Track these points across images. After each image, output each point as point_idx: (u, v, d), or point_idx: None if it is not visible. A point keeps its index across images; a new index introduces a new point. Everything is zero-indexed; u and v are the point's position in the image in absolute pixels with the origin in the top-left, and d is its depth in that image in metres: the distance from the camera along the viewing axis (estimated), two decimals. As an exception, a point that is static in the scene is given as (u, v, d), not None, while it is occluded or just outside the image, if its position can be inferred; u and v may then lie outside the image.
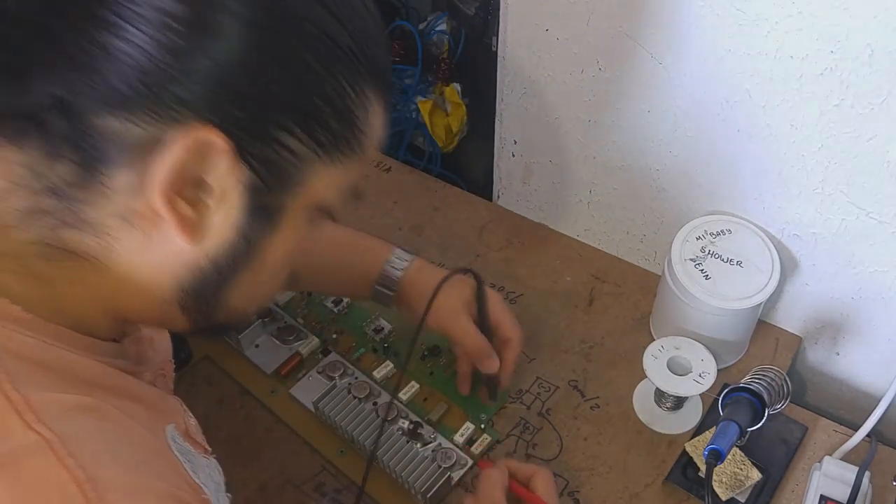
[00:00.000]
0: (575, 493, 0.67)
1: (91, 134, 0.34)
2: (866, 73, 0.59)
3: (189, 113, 0.34)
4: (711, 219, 0.75)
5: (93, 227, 0.36)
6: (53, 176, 0.35)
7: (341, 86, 0.37)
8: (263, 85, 0.35)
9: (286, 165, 0.37)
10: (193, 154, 0.34)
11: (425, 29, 1.21)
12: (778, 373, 0.68)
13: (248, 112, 0.35)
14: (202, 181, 0.36)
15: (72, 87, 0.33)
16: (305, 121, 0.37)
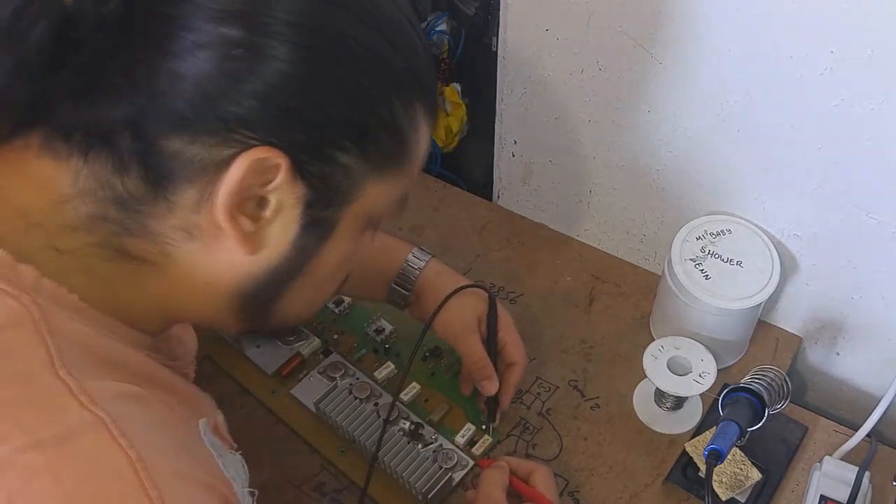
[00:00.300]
0: (575, 493, 0.67)
1: (158, 153, 0.36)
2: (866, 73, 0.59)
3: (250, 134, 0.36)
4: (711, 219, 0.75)
5: (154, 236, 0.39)
6: (120, 188, 0.37)
7: (393, 105, 0.40)
8: (319, 106, 0.37)
9: (340, 181, 0.40)
10: (255, 173, 0.37)
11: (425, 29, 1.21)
12: (778, 373, 0.68)
13: (306, 132, 0.37)
14: (262, 198, 0.38)
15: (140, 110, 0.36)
16: (360, 139, 0.39)
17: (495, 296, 0.69)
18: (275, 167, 0.37)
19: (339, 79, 0.38)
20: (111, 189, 0.37)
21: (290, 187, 0.38)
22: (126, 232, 0.39)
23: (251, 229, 0.39)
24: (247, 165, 0.36)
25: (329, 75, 0.37)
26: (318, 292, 0.46)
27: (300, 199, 0.39)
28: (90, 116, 0.36)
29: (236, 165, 0.36)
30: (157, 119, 0.36)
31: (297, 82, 0.36)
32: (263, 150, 0.36)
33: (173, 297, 0.42)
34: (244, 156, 0.36)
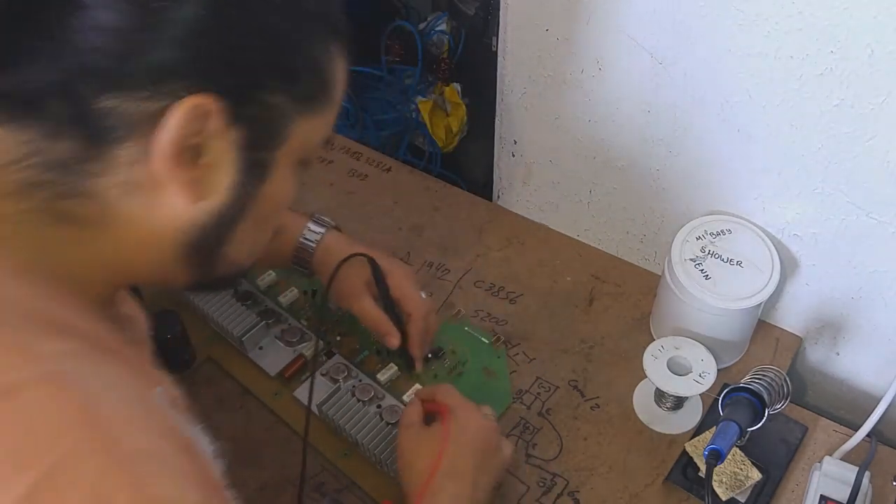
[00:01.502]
0: (575, 493, 0.67)
1: (90, 114, 0.37)
2: (866, 73, 0.59)
3: (182, 84, 0.37)
4: (711, 219, 0.75)
5: (93, 196, 0.39)
6: (55, 152, 0.37)
7: (314, 45, 0.42)
8: (244, 50, 0.39)
9: (273, 122, 0.41)
10: (190, 121, 0.37)
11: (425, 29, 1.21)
12: (778, 373, 0.68)
13: (234, 77, 0.39)
14: (199, 145, 0.39)
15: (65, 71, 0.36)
16: (286, 79, 0.41)
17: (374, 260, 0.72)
18: (208, 114, 0.38)
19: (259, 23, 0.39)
20: (44, 154, 0.37)
21: (225, 132, 0.39)
22: (63, 195, 0.38)
23: (192, 178, 0.39)
24: (182, 115, 0.37)
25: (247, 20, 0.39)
26: (259, 235, 0.47)
27: (235, 142, 0.40)
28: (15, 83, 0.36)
29: (172, 116, 0.37)
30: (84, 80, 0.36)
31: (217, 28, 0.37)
32: (196, 98, 0.37)
33: (118, 256, 0.42)
34: (178, 105, 0.37)
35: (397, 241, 0.89)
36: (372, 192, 0.95)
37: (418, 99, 1.19)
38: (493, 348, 0.78)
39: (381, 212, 0.93)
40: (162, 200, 0.40)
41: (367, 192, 0.95)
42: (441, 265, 0.87)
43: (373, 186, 0.96)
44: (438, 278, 0.85)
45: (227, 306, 0.77)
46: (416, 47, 1.19)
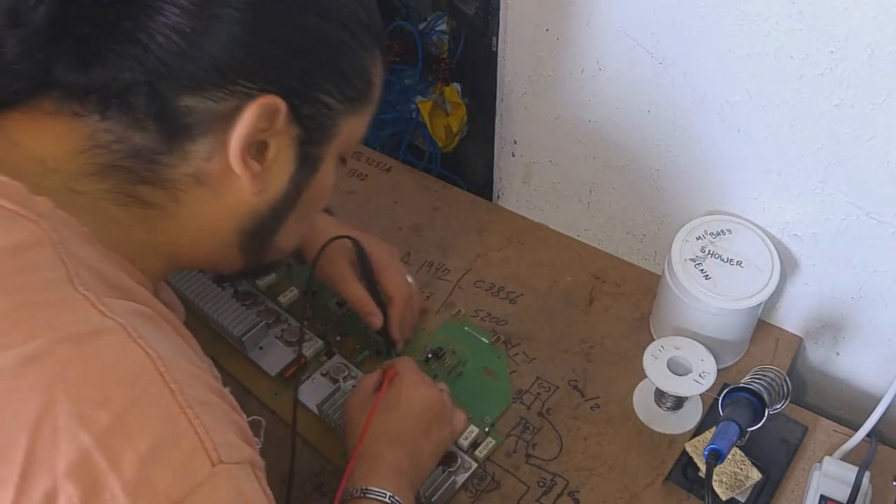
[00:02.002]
0: (575, 493, 0.67)
1: (172, 111, 0.41)
2: (866, 73, 0.59)
3: (251, 85, 0.41)
4: (711, 219, 0.75)
5: (166, 183, 0.43)
6: (136, 142, 0.41)
7: (362, 50, 0.47)
8: (306, 55, 0.43)
9: (325, 120, 0.46)
10: (261, 118, 0.42)
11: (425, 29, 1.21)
12: (778, 373, 0.68)
13: (297, 79, 0.43)
14: (263, 141, 0.43)
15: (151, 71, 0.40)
16: (339, 82, 0.46)
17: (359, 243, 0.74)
18: (276, 112, 0.42)
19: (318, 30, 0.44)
20: (127, 142, 0.41)
21: (288, 129, 0.44)
22: (139, 180, 0.42)
23: (258, 171, 0.44)
24: (255, 112, 0.41)
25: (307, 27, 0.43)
26: (304, 223, 0.52)
27: (295, 139, 0.45)
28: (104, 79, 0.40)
29: (247, 113, 0.41)
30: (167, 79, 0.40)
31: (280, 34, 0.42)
32: (267, 98, 0.42)
33: (180, 240, 0.46)
34: (253, 104, 0.41)
35: (397, 241, 0.89)
36: (372, 192, 0.95)
37: (418, 99, 1.19)
38: (493, 348, 0.78)
39: (381, 212, 0.93)
40: (227, 191, 0.44)
41: (367, 192, 0.95)
42: (441, 265, 0.87)
43: (373, 186, 0.96)
44: (438, 278, 0.85)
45: (227, 306, 0.77)
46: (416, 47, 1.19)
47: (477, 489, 0.67)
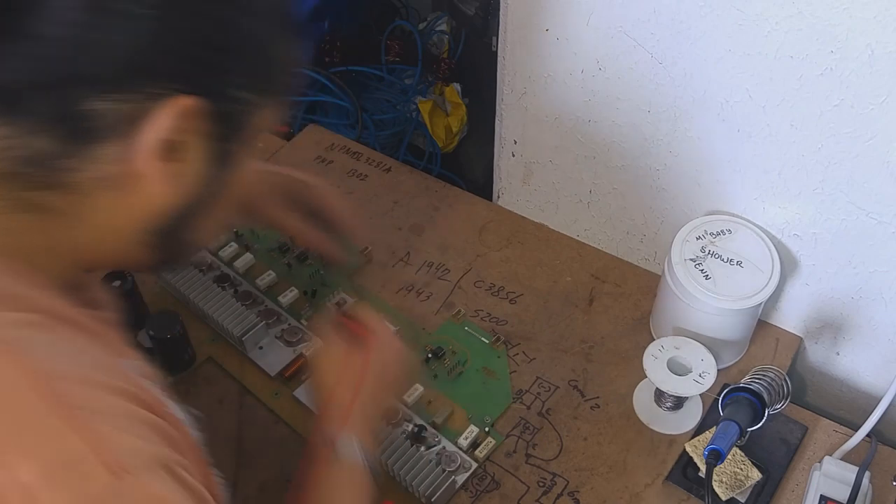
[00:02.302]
0: (575, 493, 0.67)
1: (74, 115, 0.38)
2: (866, 73, 0.59)
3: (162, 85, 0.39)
4: (711, 219, 0.75)
5: (69, 188, 0.41)
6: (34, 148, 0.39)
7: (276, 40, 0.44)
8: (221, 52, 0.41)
9: (241, 116, 0.44)
10: (174, 120, 0.39)
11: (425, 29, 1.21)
12: (778, 373, 0.68)
13: (212, 77, 0.41)
14: (177, 141, 0.41)
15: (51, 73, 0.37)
16: (255, 76, 0.44)
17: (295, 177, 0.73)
18: (190, 112, 0.40)
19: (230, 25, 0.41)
20: (27, 148, 0.39)
21: (202, 128, 0.42)
22: (38, 187, 0.40)
23: (171, 172, 0.42)
24: (168, 114, 0.39)
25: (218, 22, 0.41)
26: (222, 217, 0.50)
27: (210, 136, 0.42)
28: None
29: (158, 115, 0.39)
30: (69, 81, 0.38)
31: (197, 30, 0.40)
32: (180, 98, 0.39)
33: (86, 244, 0.44)
34: (165, 105, 0.39)
35: (397, 241, 0.89)
36: (372, 192, 0.95)
37: (418, 99, 1.19)
38: (493, 348, 0.78)
39: (381, 212, 0.93)
40: (137, 192, 0.42)
41: (367, 192, 0.95)
42: (441, 265, 0.87)
43: (373, 186, 0.96)
44: (438, 278, 0.85)
45: (227, 306, 0.77)
46: (416, 47, 1.19)
47: (477, 489, 0.67)
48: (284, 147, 1.02)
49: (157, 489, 0.36)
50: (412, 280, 0.85)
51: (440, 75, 1.18)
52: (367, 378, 0.60)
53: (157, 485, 0.37)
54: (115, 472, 0.35)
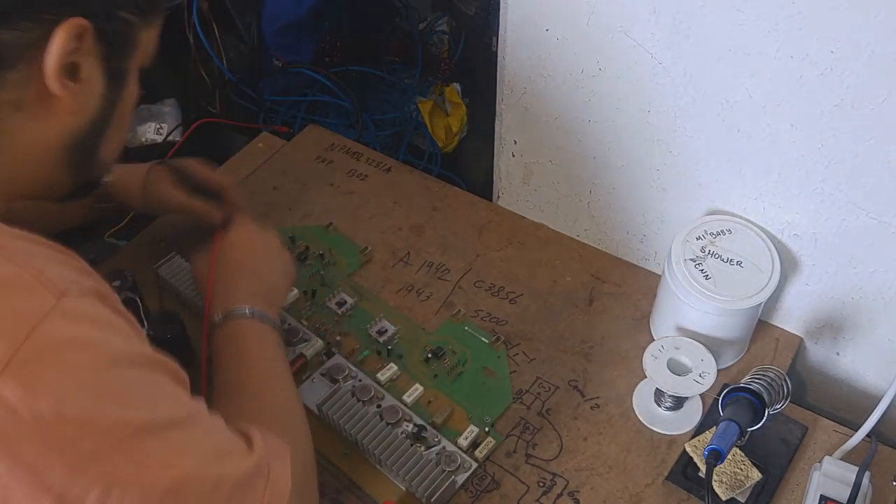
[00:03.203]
0: (575, 493, 0.67)
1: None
2: (866, 73, 0.59)
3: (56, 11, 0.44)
4: (711, 219, 0.75)
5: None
6: None
7: None
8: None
9: (126, 35, 0.50)
10: (72, 41, 0.45)
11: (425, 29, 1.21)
12: (778, 373, 0.68)
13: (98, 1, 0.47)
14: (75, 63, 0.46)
15: None
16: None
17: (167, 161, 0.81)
18: (83, 33, 0.45)
19: None
20: None
21: (94, 48, 0.47)
22: None
23: (74, 90, 0.47)
24: (64, 36, 0.44)
25: None
26: (122, 133, 0.56)
27: (102, 56, 0.48)
28: None
29: (57, 38, 0.44)
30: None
31: None
32: (74, 21, 0.44)
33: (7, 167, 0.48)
34: (61, 28, 0.44)
35: (397, 241, 0.89)
36: (372, 192, 0.95)
37: (418, 99, 1.19)
38: (493, 348, 0.78)
39: (381, 212, 0.93)
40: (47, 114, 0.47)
41: (367, 192, 0.95)
42: (441, 265, 0.87)
43: (373, 186, 0.96)
44: (438, 278, 0.85)
45: (227, 306, 0.77)
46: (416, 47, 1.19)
47: (477, 489, 0.67)
48: (284, 147, 1.02)
49: (95, 312, 0.42)
50: (412, 280, 0.85)
51: (440, 75, 1.18)
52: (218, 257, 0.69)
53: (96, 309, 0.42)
54: (54, 294, 0.40)
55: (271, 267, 0.72)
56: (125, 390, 0.41)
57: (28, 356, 0.38)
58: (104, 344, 0.41)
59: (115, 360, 0.42)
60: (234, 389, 0.50)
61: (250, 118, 1.14)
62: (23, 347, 0.37)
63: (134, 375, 0.43)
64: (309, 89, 1.16)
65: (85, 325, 0.41)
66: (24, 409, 0.37)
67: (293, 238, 0.88)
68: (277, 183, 0.96)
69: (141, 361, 0.44)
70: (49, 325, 0.39)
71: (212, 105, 1.12)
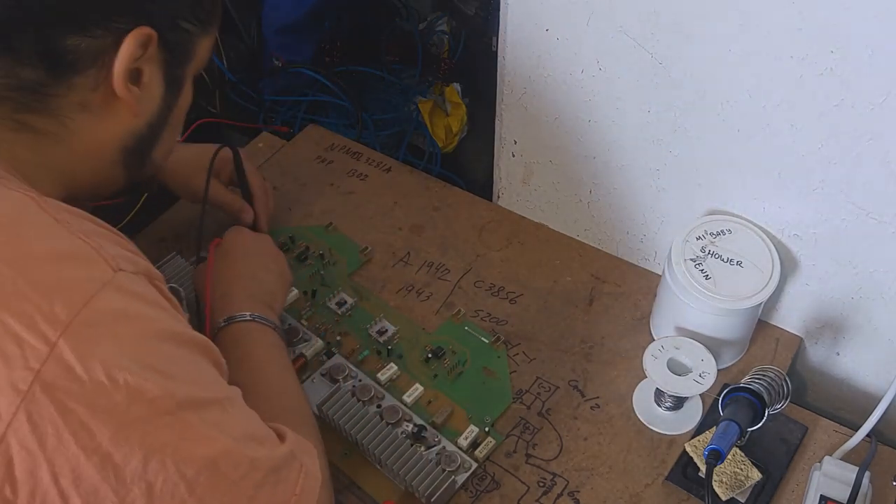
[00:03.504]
0: (575, 493, 0.67)
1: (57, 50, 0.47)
2: (866, 73, 0.59)
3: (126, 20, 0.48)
4: (711, 219, 0.75)
5: (54, 111, 0.49)
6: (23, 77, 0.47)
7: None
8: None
9: (186, 44, 0.54)
10: (138, 48, 0.49)
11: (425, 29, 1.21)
12: (778, 373, 0.68)
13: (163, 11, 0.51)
14: (138, 69, 0.50)
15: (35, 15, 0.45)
16: (194, 8, 0.53)
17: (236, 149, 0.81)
18: (149, 41, 0.49)
19: None
20: (14, 77, 0.47)
21: (157, 55, 0.51)
22: (28, 109, 0.48)
23: (137, 95, 0.51)
24: (132, 43, 0.48)
25: None
26: (174, 136, 0.60)
27: (163, 63, 0.52)
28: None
29: (126, 44, 0.48)
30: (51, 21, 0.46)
31: None
32: (142, 30, 0.48)
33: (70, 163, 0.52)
34: (130, 36, 0.48)
35: (397, 241, 0.89)
36: (372, 192, 0.95)
37: (418, 99, 1.19)
38: (493, 348, 0.78)
39: (381, 212, 0.93)
40: (110, 115, 0.51)
41: (367, 192, 0.95)
42: (441, 265, 0.87)
43: (373, 186, 0.96)
44: (438, 278, 0.85)
45: (227, 306, 0.77)
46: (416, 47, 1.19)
47: (477, 489, 0.67)
48: (284, 147, 1.02)
49: (144, 290, 0.45)
50: (412, 280, 0.85)
51: (440, 75, 1.18)
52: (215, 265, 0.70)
53: (144, 287, 0.45)
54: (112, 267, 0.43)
55: (268, 271, 0.73)
56: (170, 365, 0.43)
57: (86, 321, 0.40)
58: (152, 319, 0.44)
59: (161, 335, 0.44)
60: (247, 391, 0.51)
61: (250, 118, 1.14)
62: (81, 313, 0.40)
63: (178, 352, 0.45)
64: (309, 89, 1.16)
65: (136, 300, 0.43)
66: (81, 369, 0.39)
67: (293, 238, 0.88)
68: (277, 183, 0.96)
69: (185, 340, 0.46)
70: (105, 296, 0.41)
71: (212, 105, 1.12)
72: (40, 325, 0.39)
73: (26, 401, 0.38)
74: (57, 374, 0.39)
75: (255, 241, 0.76)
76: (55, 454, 0.39)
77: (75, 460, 0.39)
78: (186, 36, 0.53)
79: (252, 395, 0.51)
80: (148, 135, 0.55)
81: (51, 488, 0.39)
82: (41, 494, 0.39)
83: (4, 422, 0.38)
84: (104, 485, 0.40)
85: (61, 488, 0.39)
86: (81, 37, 0.47)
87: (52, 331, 0.39)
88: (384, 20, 1.22)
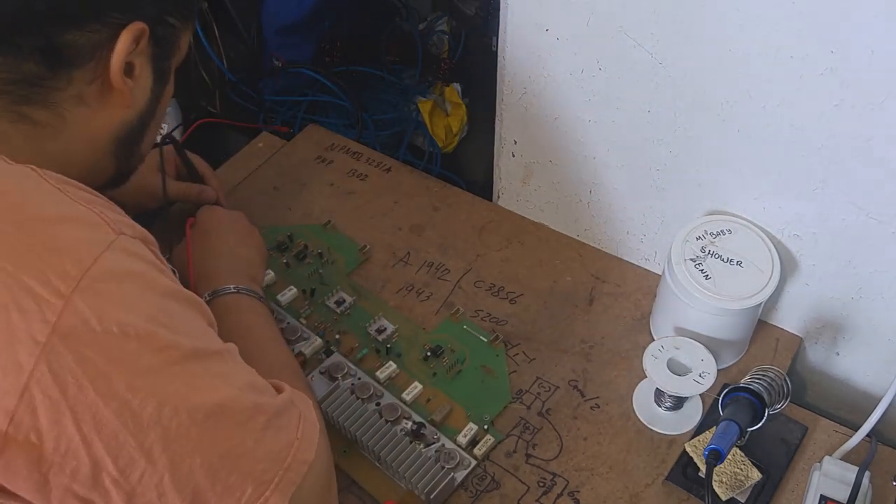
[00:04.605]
0: (575, 493, 0.67)
1: (57, 46, 0.49)
2: (866, 73, 0.59)
3: (120, 15, 0.50)
4: (711, 219, 0.75)
5: (52, 104, 0.51)
6: (24, 71, 0.49)
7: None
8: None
9: (171, 38, 0.56)
10: (132, 42, 0.51)
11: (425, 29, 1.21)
12: (778, 373, 0.68)
13: (154, 7, 0.53)
14: (130, 62, 0.52)
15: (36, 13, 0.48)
16: (179, 4, 0.56)
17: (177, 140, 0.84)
18: (142, 35, 0.51)
19: None
20: (15, 72, 0.49)
21: (148, 49, 0.53)
22: (24, 102, 0.50)
23: (130, 87, 0.53)
24: (128, 37, 0.50)
25: None
26: (158, 128, 0.62)
27: (153, 57, 0.55)
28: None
29: (122, 39, 0.50)
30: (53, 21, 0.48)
31: None
32: (136, 25, 0.51)
33: (65, 153, 0.53)
34: (126, 30, 0.50)
35: (397, 241, 0.89)
36: (372, 192, 0.95)
37: (418, 99, 1.19)
38: (492, 347, 0.78)
39: (381, 212, 0.93)
40: (104, 107, 0.53)
41: (367, 192, 0.95)
42: (441, 265, 0.87)
43: (373, 186, 0.96)
44: (438, 278, 0.85)
45: (226, 306, 0.77)
46: (416, 47, 1.19)
47: (477, 489, 0.67)
48: (284, 147, 1.02)
49: (143, 253, 0.47)
50: (412, 280, 0.85)
51: (440, 75, 1.18)
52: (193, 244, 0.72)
53: (143, 250, 0.47)
54: (115, 230, 0.45)
55: (246, 246, 0.76)
56: (173, 319, 0.46)
57: (96, 277, 0.42)
58: (154, 278, 0.46)
59: (164, 292, 0.47)
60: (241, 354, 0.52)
61: (250, 118, 1.14)
62: (91, 270, 0.42)
63: (179, 308, 0.47)
64: (309, 89, 1.16)
65: (138, 260, 0.46)
66: (95, 321, 0.41)
67: (291, 237, 0.88)
68: (277, 183, 0.96)
69: (183, 297, 0.48)
70: (110, 255, 0.44)
71: (212, 105, 1.12)
72: (53, 281, 0.41)
73: (45, 351, 0.40)
74: (72, 326, 0.41)
75: (230, 218, 0.78)
76: (76, 402, 0.41)
77: (95, 407, 0.41)
78: (172, 30, 0.55)
79: (246, 356, 0.53)
80: (138, 126, 0.57)
81: (75, 435, 0.41)
82: (66, 441, 0.41)
83: (26, 372, 0.40)
84: (123, 430, 0.42)
85: (84, 434, 0.41)
86: (80, 32, 0.49)
87: (65, 286, 0.41)
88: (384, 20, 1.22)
